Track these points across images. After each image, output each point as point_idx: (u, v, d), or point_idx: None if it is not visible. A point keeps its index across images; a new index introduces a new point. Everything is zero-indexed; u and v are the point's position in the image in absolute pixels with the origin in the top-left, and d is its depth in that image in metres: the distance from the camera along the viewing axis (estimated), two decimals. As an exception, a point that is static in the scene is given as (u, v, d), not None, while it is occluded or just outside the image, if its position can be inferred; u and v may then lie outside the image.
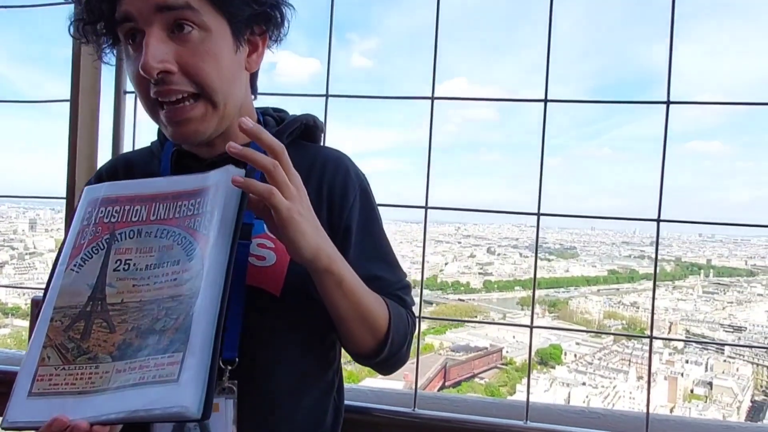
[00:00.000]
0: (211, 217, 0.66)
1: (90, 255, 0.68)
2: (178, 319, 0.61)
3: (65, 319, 0.64)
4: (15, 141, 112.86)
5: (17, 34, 36.19)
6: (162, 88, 0.69)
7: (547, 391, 22.76)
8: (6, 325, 17.17)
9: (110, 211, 0.70)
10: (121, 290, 0.65)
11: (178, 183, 0.71)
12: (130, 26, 0.69)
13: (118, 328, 0.63)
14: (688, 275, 30.97)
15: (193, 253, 0.66)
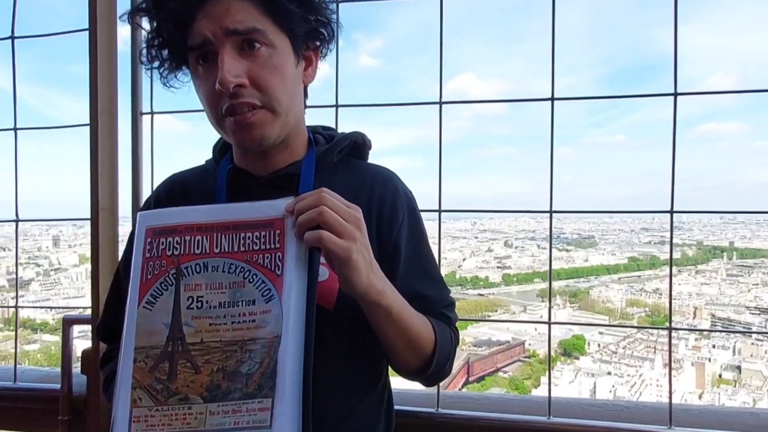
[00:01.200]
0: (282, 254, 0.68)
1: (160, 291, 0.68)
2: (263, 363, 0.63)
3: (148, 360, 0.65)
4: (35, 161, 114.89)
5: (33, 54, 37.04)
6: (235, 101, 0.76)
7: (572, 382, 22.56)
8: (35, 340, 17.51)
9: (171, 242, 0.70)
10: (199, 329, 0.66)
11: (236, 212, 0.71)
12: (204, 49, 0.76)
13: (203, 368, 0.64)
14: (711, 259, 30.42)
15: (268, 293, 0.66)
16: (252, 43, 0.76)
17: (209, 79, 0.76)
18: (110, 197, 1.39)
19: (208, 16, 0.75)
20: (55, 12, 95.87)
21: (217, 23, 0.74)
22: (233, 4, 0.76)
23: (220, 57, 0.74)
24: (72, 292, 18.58)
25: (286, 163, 0.86)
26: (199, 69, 0.78)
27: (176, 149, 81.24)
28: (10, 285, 16.79)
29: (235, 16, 0.75)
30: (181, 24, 0.76)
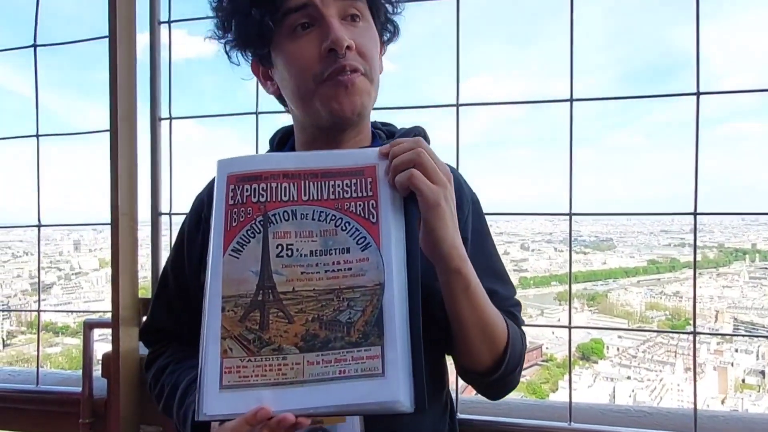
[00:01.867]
0: (375, 202, 0.66)
1: (247, 239, 0.65)
2: (365, 311, 0.62)
3: (238, 309, 0.62)
4: (57, 165, 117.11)
5: (54, 60, 37.93)
6: (343, 61, 0.75)
7: (591, 387, 22.29)
8: (57, 343, 17.77)
9: (257, 189, 0.67)
10: (290, 278, 0.63)
11: (325, 159, 0.69)
12: (305, 12, 0.76)
13: (296, 318, 0.62)
14: (733, 261, 29.84)
15: (364, 242, 0.64)
16: (353, 16, 0.78)
17: (312, 43, 0.76)
18: (130, 202, 1.41)
19: None
20: (77, 19, 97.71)
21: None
22: None
23: (328, 20, 0.75)
24: (92, 295, 18.88)
25: None
26: (298, 32, 0.77)
27: (192, 153, 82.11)
28: (32, 289, 17.12)
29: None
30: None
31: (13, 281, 18.29)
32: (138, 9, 1.43)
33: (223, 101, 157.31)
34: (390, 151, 0.67)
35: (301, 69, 0.77)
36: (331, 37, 0.74)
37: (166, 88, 1.46)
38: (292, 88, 0.80)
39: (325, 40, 0.75)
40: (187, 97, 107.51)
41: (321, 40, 0.75)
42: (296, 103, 0.82)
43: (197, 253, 0.88)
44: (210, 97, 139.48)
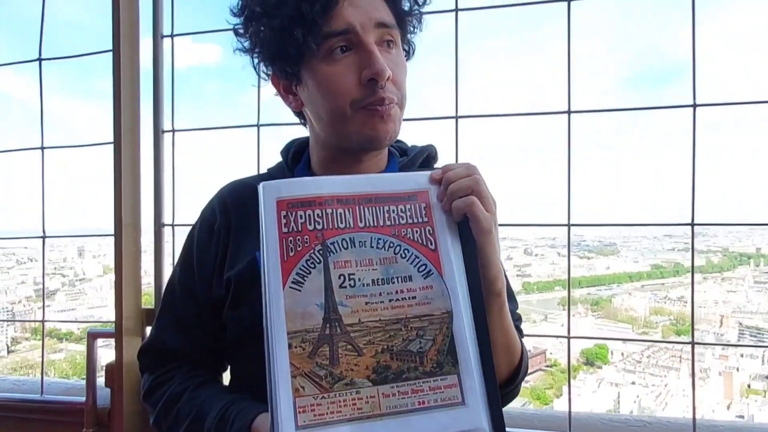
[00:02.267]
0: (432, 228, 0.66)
1: (307, 270, 0.63)
2: (437, 340, 0.62)
3: (305, 345, 0.61)
4: (61, 173, 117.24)
5: (58, 68, 38.02)
6: (382, 93, 0.76)
7: (595, 392, 22.15)
8: (60, 349, 17.76)
9: (311, 215, 0.65)
10: (355, 309, 0.62)
11: (377, 184, 0.68)
12: (345, 37, 0.76)
13: (365, 350, 0.61)
14: (737, 266, 29.62)
15: (425, 269, 0.65)
16: (389, 42, 0.79)
17: (349, 68, 0.76)
18: (133, 213, 1.43)
19: (353, 6, 0.76)
20: (82, 27, 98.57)
21: (365, 14, 0.76)
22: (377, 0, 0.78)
23: (369, 48, 0.75)
24: (96, 301, 18.84)
25: (369, 173, 0.86)
26: (336, 56, 0.77)
27: (193, 160, 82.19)
28: (36, 295, 17.12)
29: (380, 10, 0.78)
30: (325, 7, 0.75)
31: (18, 288, 18.31)
32: (141, 22, 1.46)
33: (225, 108, 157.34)
34: (443, 177, 0.68)
35: (338, 93, 0.77)
36: (375, 69, 0.74)
37: (168, 100, 1.49)
38: (324, 109, 0.80)
39: (366, 68, 0.75)
40: (190, 105, 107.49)
41: (359, 66, 0.76)
42: (326, 123, 0.81)
43: (210, 265, 0.87)
44: (212, 103, 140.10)
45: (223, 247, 0.87)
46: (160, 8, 1.47)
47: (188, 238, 0.94)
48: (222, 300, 0.85)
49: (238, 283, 0.82)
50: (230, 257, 0.86)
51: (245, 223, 0.87)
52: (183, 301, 0.90)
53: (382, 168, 0.89)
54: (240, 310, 0.82)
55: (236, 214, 0.88)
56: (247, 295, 0.80)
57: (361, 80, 0.76)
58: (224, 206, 0.90)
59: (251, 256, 0.82)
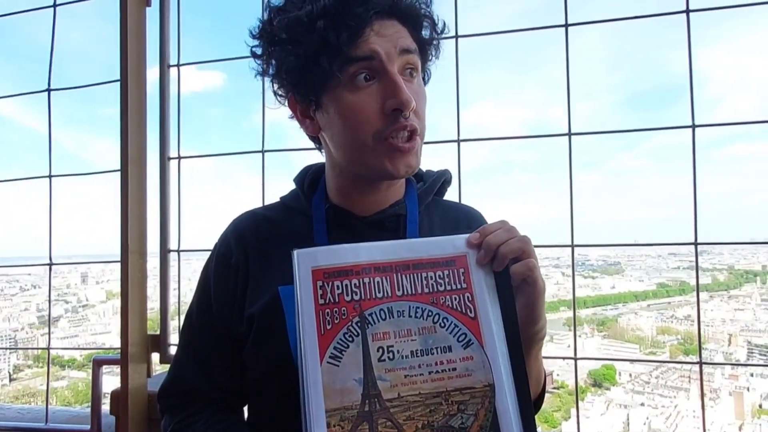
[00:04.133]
0: (471, 295, 0.64)
1: (345, 344, 0.61)
2: (479, 415, 0.60)
3: (344, 423, 0.59)
4: (67, 200, 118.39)
5: (65, 97, 38.92)
6: (406, 122, 0.75)
7: (604, 414, 21.81)
8: (63, 377, 17.62)
9: (348, 285, 0.63)
10: (395, 383, 0.60)
11: (415, 249, 0.66)
12: (369, 64, 0.74)
13: (406, 426, 0.59)
14: (744, 284, 29.42)
15: (464, 339, 0.62)
16: (411, 71, 0.78)
17: (373, 97, 0.75)
18: (139, 239, 1.44)
19: (379, 34, 0.75)
20: (88, 58, 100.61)
21: (391, 42, 0.75)
22: (401, 28, 0.78)
23: (394, 78, 0.74)
24: (99, 327, 18.79)
25: (389, 201, 0.85)
26: (359, 83, 0.75)
27: (199, 184, 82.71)
28: (39, 322, 17.06)
29: (405, 38, 0.77)
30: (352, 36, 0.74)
31: (21, 315, 18.27)
32: (148, 52, 1.49)
33: (228, 133, 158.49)
34: (484, 242, 0.67)
35: (361, 123, 0.75)
36: (401, 99, 0.73)
37: (175, 128, 1.51)
38: (345, 138, 0.78)
39: (390, 97, 0.74)
40: (194, 130, 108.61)
41: (382, 96, 0.74)
42: (345, 151, 0.80)
43: (229, 301, 0.84)
44: (216, 129, 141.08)
45: (242, 282, 0.84)
46: (166, 38, 1.51)
47: (203, 273, 0.90)
48: (243, 337, 0.82)
49: (261, 319, 0.79)
50: (250, 293, 0.83)
51: (264, 257, 0.84)
52: (201, 338, 0.87)
53: (401, 195, 0.87)
54: (263, 348, 0.80)
55: (254, 247, 0.85)
56: (271, 331, 0.78)
57: (384, 110, 0.74)
58: (240, 239, 0.87)
59: (273, 290, 0.79)
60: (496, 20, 20.91)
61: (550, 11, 1.36)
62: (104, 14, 5.25)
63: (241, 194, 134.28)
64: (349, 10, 0.73)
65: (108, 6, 1.49)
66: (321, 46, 0.73)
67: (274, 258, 0.83)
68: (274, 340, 0.77)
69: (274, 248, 0.83)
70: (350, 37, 0.73)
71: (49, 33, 1.65)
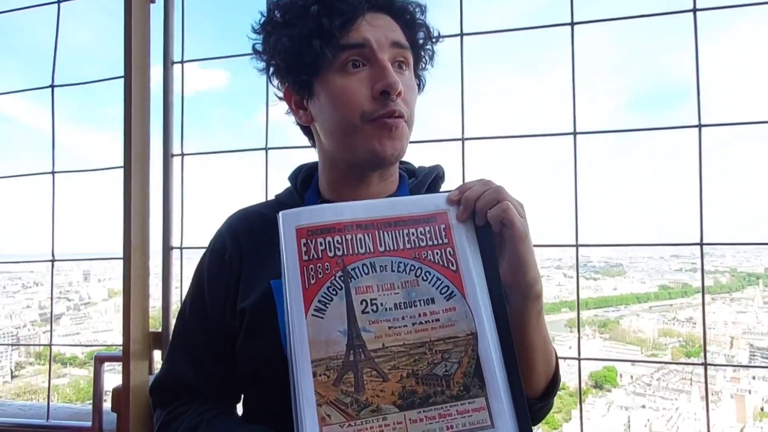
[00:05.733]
0: (452, 249, 0.66)
1: (329, 297, 0.63)
2: (462, 362, 0.61)
3: (330, 372, 0.60)
4: (70, 197, 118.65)
5: (69, 95, 38.99)
6: (393, 106, 0.78)
7: (605, 416, 21.79)
8: (64, 374, 17.70)
9: (331, 242, 0.65)
10: (379, 334, 0.62)
11: (396, 207, 0.68)
12: (360, 51, 0.78)
13: (391, 375, 0.61)
14: (746, 286, 29.35)
15: (447, 291, 0.64)
16: (401, 64, 0.81)
17: (363, 82, 0.78)
18: (142, 236, 1.44)
19: (371, 24, 0.79)
20: (91, 55, 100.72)
21: (382, 33, 0.79)
22: (393, 22, 0.82)
23: (384, 64, 0.78)
24: (101, 325, 18.86)
25: (380, 195, 0.86)
26: (349, 69, 0.78)
27: (201, 182, 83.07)
28: (41, 319, 17.11)
29: (397, 32, 0.81)
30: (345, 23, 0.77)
31: (23, 312, 18.34)
32: (152, 49, 1.49)
33: (232, 132, 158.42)
34: (462, 197, 0.69)
35: (350, 105, 0.78)
36: (388, 81, 0.76)
37: (178, 125, 1.51)
38: (335, 121, 0.80)
39: (378, 81, 0.77)
40: (198, 128, 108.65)
41: (372, 80, 0.78)
42: (335, 136, 0.82)
43: (222, 296, 0.85)
44: (220, 128, 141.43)
45: (235, 277, 0.85)
46: (170, 35, 1.50)
47: (198, 269, 0.92)
48: (236, 331, 0.83)
49: (253, 313, 0.81)
50: (243, 287, 0.84)
51: (257, 252, 0.86)
52: (194, 333, 0.88)
53: (393, 190, 0.88)
54: (255, 342, 0.80)
55: (247, 243, 0.87)
56: (263, 326, 0.79)
57: (373, 93, 0.77)
58: (234, 235, 0.89)
59: (265, 285, 0.80)
60: (501, 21, 20.70)
61: (556, 14, 1.35)
62: (109, 11, 5.29)
63: (244, 192, 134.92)
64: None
65: (112, 3, 1.49)
66: (314, 29, 0.77)
67: (266, 253, 0.84)
68: (266, 334, 0.78)
69: (267, 244, 0.84)
70: (343, 24, 0.77)
71: (53, 31, 1.65)
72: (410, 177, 0.93)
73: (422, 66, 0.90)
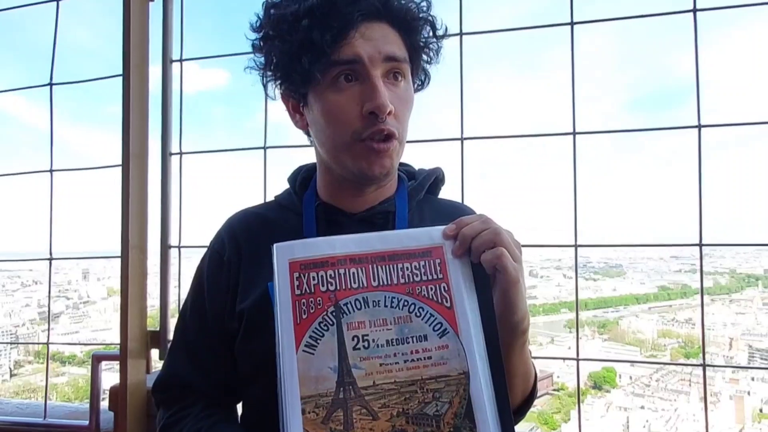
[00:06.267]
0: (447, 285, 0.65)
1: (320, 333, 0.62)
2: (453, 402, 0.60)
3: (319, 410, 0.60)
4: (68, 195, 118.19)
5: (69, 93, 38.78)
6: (382, 126, 0.75)
7: (604, 417, 21.79)
8: (63, 373, 17.70)
9: (323, 276, 0.64)
10: (370, 371, 0.61)
11: (390, 241, 0.67)
12: (352, 67, 0.76)
13: (381, 414, 0.60)
14: (745, 287, 29.32)
15: (440, 328, 0.63)
16: (396, 75, 0.79)
17: (353, 99, 0.76)
18: (140, 236, 1.43)
19: (365, 38, 0.76)
20: (93, 53, 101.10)
21: (376, 47, 0.76)
22: (389, 31, 0.78)
23: (375, 80, 0.75)
24: (100, 324, 18.84)
25: (378, 199, 0.86)
26: (339, 86, 0.77)
27: (201, 182, 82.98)
28: (40, 318, 17.09)
29: (392, 44, 0.77)
30: (336, 37, 0.74)
31: (22, 311, 18.33)
32: (151, 47, 1.48)
33: (232, 132, 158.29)
34: (459, 233, 0.67)
35: (340, 123, 0.77)
36: (377, 102, 0.74)
37: (177, 124, 1.50)
38: (326, 136, 0.80)
39: (369, 100, 0.75)
40: (198, 128, 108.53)
41: (362, 98, 0.75)
42: (326, 149, 0.81)
43: (221, 297, 0.85)
44: (220, 128, 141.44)
45: (234, 278, 0.85)
46: (169, 34, 1.50)
47: (198, 270, 0.92)
48: (234, 332, 0.83)
49: (251, 315, 0.81)
50: (242, 289, 0.84)
51: (256, 254, 0.85)
52: (194, 333, 0.89)
53: (391, 193, 0.87)
54: (253, 343, 0.80)
55: (246, 244, 0.87)
56: (261, 327, 0.78)
57: (362, 112, 0.75)
58: (233, 237, 0.88)
59: (263, 287, 0.80)
60: (502, 22, 20.99)
61: (557, 15, 1.34)
62: (108, 10, 5.31)
63: (243, 192, 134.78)
64: (335, 10, 0.74)
65: (112, 1, 1.49)
66: (304, 45, 0.75)
67: (265, 255, 0.82)
68: (263, 334, 0.77)
69: (266, 245, 0.83)
70: (333, 38, 0.74)
71: (53, 29, 1.64)
72: (410, 179, 0.92)
73: (426, 60, 0.86)
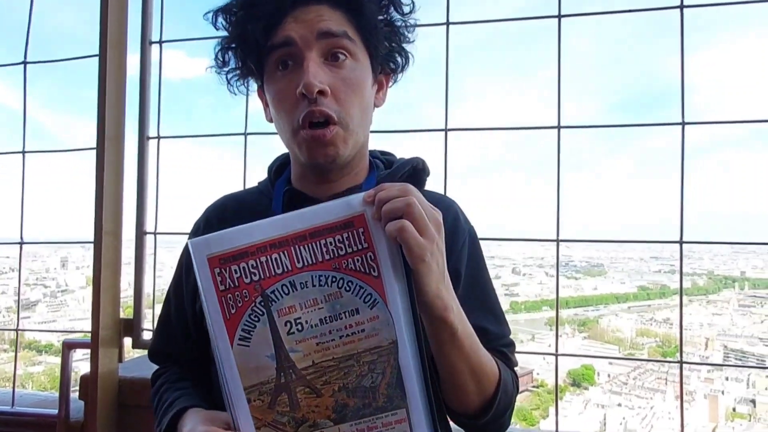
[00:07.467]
0: (373, 254, 0.62)
1: (252, 324, 0.62)
2: (385, 373, 0.61)
3: (264, 397, 0.61)
4: (44, 181, 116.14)
5: (46, 76, 37.69)
6: (314, 107, 0.72)
7: (582, 414, 22.08)
8: (39, 362, 17.43)
9: (246, 268, 0.62)
10: (307, 352, 0.61)
11: (309, 218, 0.63)
12: (287, 51, 0.74)
13: (323, 390, 0.61)
14: (722, 289, 29.87)
15: (370, 299, 0.62)
16: (337, 55, 0.75)
17: (290, 85, 0.74)
18: (114, 220, 1.40)
19: (297, 21, 0.74)
20: (72, 36, 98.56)
21: (308, 27, 0.73)
22: (326, 11, 0.75)
23: (306, 61, 0.73)
24: (78, 313, 18.53)
25: (346, 186, 0.84)
26: (278, 73, 0.75)
27: (182, 171, 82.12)
28: (16, 306, 16.79)
29: (328, 21, 0.74)
30: (269, 25, 0.74)
31: (-2, 298, 17.97)
32: (129, 28, 1.44)
33: (218, 121, 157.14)
34: (375, 198, 0.63)
35: (284, 111, 0.76)
36: (303, 82, 0.71)
37: (155, 107, 1.47)
38: (279, 127, 0.80)
39: (300, 82, 0.72)
40: (183, 117, 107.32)
41: (298, 82, 0.73)
42: (284, 141, 0.81)
43: (192, 285, 0.86)
44: (205, 116, 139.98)
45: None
46: (149, 14, 1.46)
47: (181, 254, 0.94)
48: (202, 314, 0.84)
49: None
50: None
51: None
52: (175, 315, 0.93)
53: (360, 182, 0.85)
54: None
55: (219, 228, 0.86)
56: None
57: (297, 97, 0.73)
58: (208, 222, 0.90)
59: None
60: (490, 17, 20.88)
61: (546, 11, 1.33)
62: (92, -6, 5.16)
63: (223, 180, 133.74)
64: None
65: (90, -20, 1.44)
66: (240, 36, 0.75)
67: None
68: None
69: None
70: (265, 28, 0.74)
71: (27, 8, 1.59)
72: (388, 168, 0.90)
73: (394, 40, 0.83)
